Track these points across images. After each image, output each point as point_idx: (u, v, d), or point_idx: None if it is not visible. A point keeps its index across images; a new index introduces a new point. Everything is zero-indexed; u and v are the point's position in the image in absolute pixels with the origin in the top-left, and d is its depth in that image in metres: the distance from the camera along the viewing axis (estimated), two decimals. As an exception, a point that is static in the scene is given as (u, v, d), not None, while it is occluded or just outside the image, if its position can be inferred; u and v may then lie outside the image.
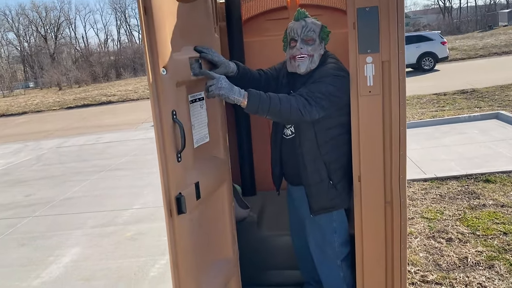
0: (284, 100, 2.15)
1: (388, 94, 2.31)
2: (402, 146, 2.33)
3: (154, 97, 1.77)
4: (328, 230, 2.48)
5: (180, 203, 1.86)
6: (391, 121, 2.32)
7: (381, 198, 2.41)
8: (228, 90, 2.09)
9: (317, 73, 2.31)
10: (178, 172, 1.89)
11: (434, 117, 9.36)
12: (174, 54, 1.87)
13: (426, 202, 4.97)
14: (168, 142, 1.83)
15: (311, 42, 2.32)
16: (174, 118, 1.84)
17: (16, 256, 4.84)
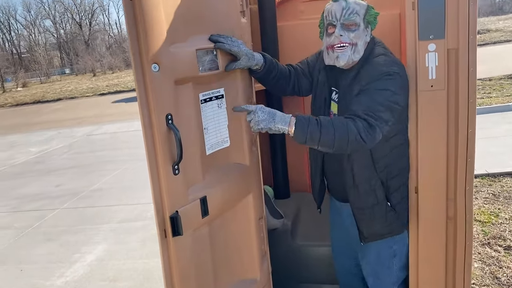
0: (339, 125, 1.68)
1: (454, 89, 1.90)
2: (470, 152, 1.93)
3: (141, 98, 1.45)
4: (387, 254, 2.07)
5: (175, 223, 1.55)
6: (458, 122, 1.91)
7: (443, 213, 2.02)
8: (268, 121, 1.67)
9: (366, 72, 1.83)
10: (175, 187, 1.57)
11: (481, 105, 8.70)
12: (173, 46, 1.54)
13: (478, 203, 4.50)
14: (161, 152, 1.51)
15: (353, 27, 1.82)
16: (169, 124, 1.52)
17: (42, 252, 4.72)
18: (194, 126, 1.66)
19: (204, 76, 1.68)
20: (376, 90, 1.74)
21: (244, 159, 1.96)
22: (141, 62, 1.42)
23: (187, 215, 1.60)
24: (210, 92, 1.77)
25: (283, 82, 2.06)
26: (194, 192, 1.65)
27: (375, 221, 1.96)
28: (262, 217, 2.13)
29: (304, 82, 2.12)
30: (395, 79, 1.77)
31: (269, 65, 1.97)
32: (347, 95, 1.86)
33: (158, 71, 1.45)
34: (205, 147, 1.74)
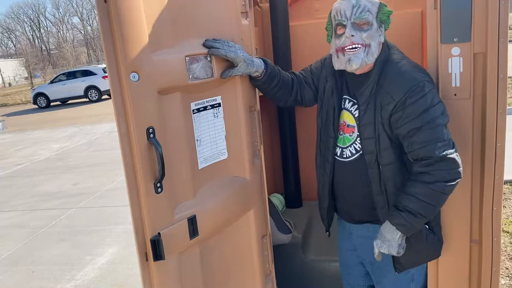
0: (429, 194, 1.55)
1: (481, 98, 1.70)
2: (498, 168, 1.73)
3: (118, 110, 1.30)
4: (405, 278, 1.85)
5: (157, 247, 1.40)
6: (484, 136, 1.71)
7: (466, 235, 1.82)
8: (389, 246, 1.66)
9: (392, 82, 1.60)
10: (157, 206, 1.42)
11: (510, 105, 8.27)
12: (157, 52, 1.38)
13: (506, 212, 4.22)
14: (140, 169, 1.36)
15: (366, 27, 1.61)
16: (150, 138, 1.37)
17: (55, 253, 4.68)
18: (183, 138, 1.51)
19: (195, 85, 1.53)
20: (425, 112, 1.53)
21: (244, 172, 1.79)
22: (118, 71, 1.27)
23: (172, 237, 1.45)
24: (205, 101, 1.61)
25: (285, 91, 1.87)
26: (181, 211, 1.50)
27: (414, 247, 1.73)
28: (266, 234, 1.97)
29: (307, 91, 1.92)
30: (430, 86, 1.57)
31: (271, 73, 1.79)
32: (370, 106, 1.65)
33: (138, 81, 1.30)
34: (197, 161, 1.59)
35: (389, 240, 1.65)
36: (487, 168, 1.72)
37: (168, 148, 1.44)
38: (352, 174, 1.77)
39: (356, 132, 1.72)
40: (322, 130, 1.86)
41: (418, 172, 1.58)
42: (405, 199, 1.59)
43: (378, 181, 1.68)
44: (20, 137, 13.48)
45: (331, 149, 1.81)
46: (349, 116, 1.76)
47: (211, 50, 1.58)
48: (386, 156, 1.65)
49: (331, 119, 1.80)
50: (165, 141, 1.42)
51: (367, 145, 1.67)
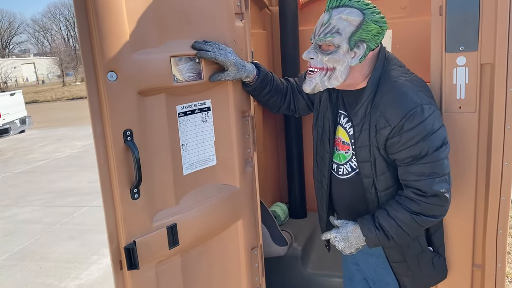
0: (404, 219, 1.47)
1: (487, 112, 1.57)
2: (505, 188, 1.59)
3: (94, 111, 1.24)
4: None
5: (132, 255, 1.34)
6: (490, 153, 1.58)
7: (469, 260, 1.70)
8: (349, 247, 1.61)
9: (388, 105, 1.43)
10: (133, 213, 1.35)
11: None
12: (138, 52, 1.31)
13: (525, 233, 3.99)
14: (116, 174, 1.29)
15: (329, 50, 1.44)
16: (127, 141, 1.30)
17: (62, 251, 4.71)
18: (166, 143, 1.44)
19: (181, 87, 1.46)
20: (425, 139, 1.39)
21: (233, 180, 1.72)
22: (95, 69, 1.22)
23: (149, 245, 1.39)
24: (192, 104, 1.54)
25: (278, 99, 1.78)
26: (161, 219, 1.43)
27: (421, 272, 1.63)
28: (256, 246, 1.89)
29: (300, 100, 1.82)
30: (431, 109, 1.41)
31: (263, 79, 1.70)
32: (365, 127, 1.51)
33: (116, 81, 1.25)
34: (181, 167, 1.52)
35: (351, 243, 1.59)
36: (493, 189, 1.60)
37: (148, 152, 1.38)
38: (349, 191, 1.67)
39: (351, 150, 1.60)
40: (318, 143, 1.76)
41: (407, 197, 1.47)
42: (385, 219, 1.49)
43: (376, 206, 1.58)
44: (45, 133, 13.80)
45: (327, 163, 1.70)
46: (343, 133, 1.64)
47: (200, 52, 1.50)
48: (383, 181, 1.53)
49: (327, 133, 1.68)
50: (145, 145, 1.36)
51: (363, 168, 1.55)
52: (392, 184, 1.54)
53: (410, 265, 1.62)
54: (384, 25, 1.44)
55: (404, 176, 1.47)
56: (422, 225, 1.48)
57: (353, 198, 1.66)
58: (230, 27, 1.62)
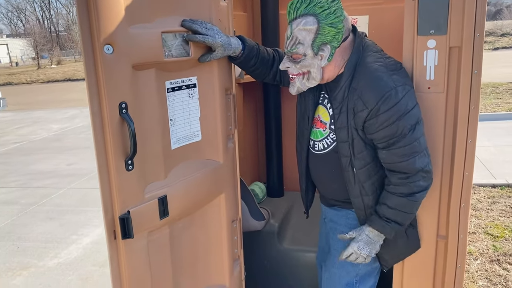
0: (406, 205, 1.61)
1: (454, 93, 1.68)
2: (468, 164, 1.71)
3: (90, 83, 1.28)
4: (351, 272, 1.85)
5: (126, 225, 1.39)
6: (456, 131, 1.69)
7: (433, 231, 1.82)
8: (372, 249, 1.72)
9: (366, 88, 1.53)
10: (128, 184, 1.40)
11: (511, 110, 8.24)
12: (134, 26, 1.36)
13: (493, 214, 4.21)
14: (111, 145, 1.34)
15: (299, 58, 1.58)
16: (122, 113, 1.35)
17: (41, 231, 4.71)
18: (156, 117, 1.50)
19: (171, 62, 1.51)
20: (400, 119, 1.50)
21: (217, 155, 1.79)
22: (92, 42, 1.26)
23: (142, 215, 1.45)
24: (180, 80, 1.60)
25: (264, 69, 1.86)
26: (152, 191, 1.49)
27: (396, 242, 1.76)
28: (236, 219, 1.97)
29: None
30: (405, 89, 1.52)
31: (248, 53, 1.76)
32: (343, 109, 1.61)
33: (112, 54, 1.29)
34: (170, 141, 1.58)
35: (374, 243, 1.70)
36: (457, 164, 1.71)
37: (141, 125, 1.43)
38: (324, 167, 1.79)
39: (328, 129, 1.72)
40: (300, 119, 1.87)
41: (395, 185, 1.60)
42: (388, 212, 1.63)
43: (353, 184, 1.68)
44: (21, 116, 13.54)
45: (306, 139, 1.83)
46: (325, 113, 1.74)
47: (188, 36, 1.56)
48: (361, 159, 1.63)
49: (307, 112, 1.80)
50: (137, 118, 1.41)
51: (342, 148, 1.66)
52: (369, 161, 1.64)
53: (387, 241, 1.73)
54: (340, 24, 1.52)
55: (388, 160, 1.58)
56: (419, 199, 1.61)
57: (329, 173, 1.78)
58: (216, 6, 1.68)
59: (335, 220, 1.87)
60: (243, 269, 2.08)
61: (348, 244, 1.74)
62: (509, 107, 8.53)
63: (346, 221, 1.83)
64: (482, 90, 10.36)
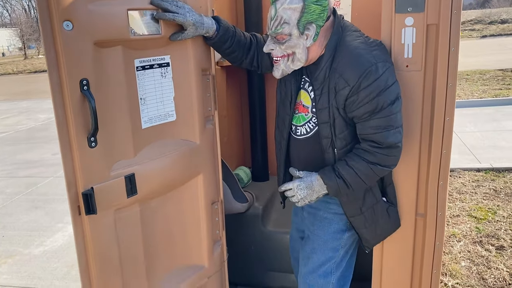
0: (366, 172, 1.60)
1: (432, 70, 1.68)
2: (446, 142, 1.72)
3: (50, 59, 1.27)
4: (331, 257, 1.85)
5: (89, 201, 1.39)
6: (434, 109, 1.70)
7: (412, 209, 1.83)
8: (310, 195, 1.70)
9: (347, 66, 1.53)
10: (91, 161, 1.40)
11: (497, 96, 8.31)
12: (94, 3, 1.33)
13: (477, 198, 4.26)
14: (73, 122, 1.33)
15: (284, 39, 1.56)
16: (83, 90, 1.34)
17: (26, 219, 4.67)
18: (123, 95, 1.48)
19: (138, 40, 1.49)
20: (380, 94, 1.49)
21: (193, 136, 1.77)
22: (50, 18, 1.24)
23: (107, 192, 1.44)
24: (151, 59, 1.58)
25: (240, 53, 1.83)
26: (119, 168, 1.48)
27: (378, 222, 1.78)
28: (217, 201, 1.97)
29: (265, 58, 1.86)
30: (385, 66, 1.52)
31: (223, 34, 1.73)
32: (325, 90, 1.61)
33: (72, 30, 1.27)
34: (140, 120, 1.57)
35: (313, 191, 1.68)
36: (435, 142, 1.72)
37: (105, 103, 1.42)
38: (306, 151, 1.78)
39: (310, 113, 1.71)
40: (280, 105, 1.85)
41: (364, 150, 1.60)
42: (345, 169, 1.62)
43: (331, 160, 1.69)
44: (7, 106, 13.35)
45: (287, 126, 1.80)
46: (306, 97, 1.73)
47: (158, 14, 1.53)
48: (342, 139, 1.64)
49: (288, 97, 1.77)
50: (101, 95, 1.40)
51: (323, 130, 1.66)
52: (349, 141, 1.65)
53: (367, 217, 1.75)
54: (325, 1, 1.51)
55: (363, 131, 1.58)
56: (378, 174, 1.62)
57: (311, 157, 1.76)
58: (189, -18, 1.65)
59: (314, 205, 1.87)
60: (225, 250, 2.09)
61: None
62: (496, 93, 8.60)
63: (326, 205, 1.83)
64: (469, 77, 10.45)
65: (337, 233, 1.82)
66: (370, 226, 1.77)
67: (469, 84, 9.74)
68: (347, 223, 1.80)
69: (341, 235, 1.82)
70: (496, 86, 9.36)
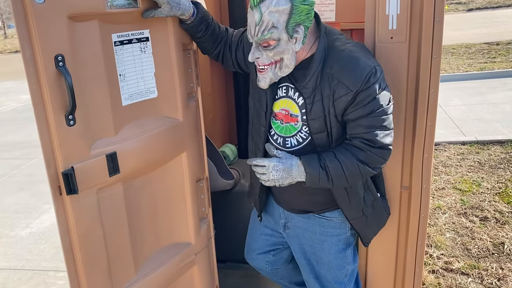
0: (349, 165, 1.49)
1: (417, 42, 1.66)
2: (430, 115, 1.72)
3: (22, 35, 1.22)
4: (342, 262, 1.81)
5: (70, 180, 1.37)
6: (419, 80, 1.69)
7: (397, 182, 1.84)
8: (284, 179, 1.54)
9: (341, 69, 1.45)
10: (70, 140, 1.36)
11: (482, 70, 8.34)
12: None
13: (462, 170, 4.32)
14: (49, 100, 1.29)
15: (272, 45, 1.45)
16: (59, 66, 1.29)
17: (12, 201, 4.62)
18: (101, 71, 1.43)
19: (115, 14, 1.44)
20: (375, 98, 1.43)
21: (176, 113, 1.74)
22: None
23: (88, 171, 1.41)
24: (130, 33, 1.53)
25: (209, 45, 1.75)
26: (100, 147, 1.45)
27: (377, 218, 1.74)
28: (202, 178, 1.95)
29: (227, 57, 1.79)
30: (380, 70, 1.46)
31: (199, 22, 1.65)
32: (317, 98, 1.51)
33: (43, 3, 1.21)
34: (120, 97, 1.53)
35: (290, 176, 1.53)
36: (419, 115, 1.72)
37: (82, 79, 1.37)
38: None
39: (300, 122, 1.58)
40: (254, 115, 1.73)
41: (356, 146, 1.49)
42: (331, 161, 1.50)
43: None
44: (-13, 87, 13.05)
45: (263, 137, 1.68)
46: (293, 105, 1.60)
47: None
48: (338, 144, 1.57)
49: (264, 107, 1.65)
50: (79, 72, 1.35)
51: (318, 139, 1.55)
52: None
53: (368, 216, 1.69)
54: (312, 0, 1.43)
55: (354, 130, 1.49)
56: (363, 174, 1.52)
57: None
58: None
59: (308, 228, 1.77)
60: (212, 227, 2.08)
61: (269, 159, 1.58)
62: (481, 66, 8.63)
63: (321, 229, 1.75)
64: (455, 51, 10.46)
65: (340, 252, 1.77)
66: (371, 224, 1.73)
67: (455, 58, 9.75)
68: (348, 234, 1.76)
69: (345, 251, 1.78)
70: (482, 59, 9.38)
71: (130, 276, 1.68)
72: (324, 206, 1.71)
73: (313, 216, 1.75)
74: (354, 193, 1.64)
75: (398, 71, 1.68)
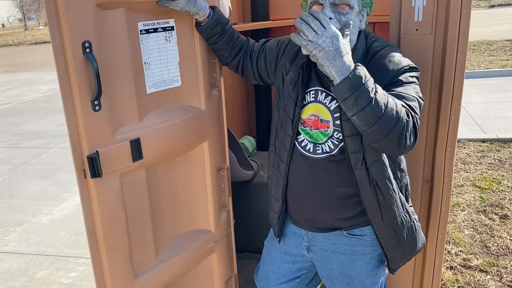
0: (391, 101, 1.23)
1: (442, 34, 1.65)
2: (454, 108, 1.70)
3: (52, 21, 1.24)
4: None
5: (94, 164, 1.40)
6: (443, 74, 1.67)
7: (419, 175, 1.83)
8: (332, 54, 1.21)
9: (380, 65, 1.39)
10: (95, 124, 1.39)
11: (504, 67, 8.19)
12: None
13: (481, 168, 4.26)
14: (76, 85, 1.32)
15: (346, 9, 1.38)
16: (86, 53, 1.32)
17: (34, 189, 4.72)
18: (127, 59, 1.45)
19: (142, 3, 1.46)
20: (411, 84, 1.36)
21: (199, 102, 1.75)
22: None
23: (112, 156, 1.44)
24: (155, 22, 1.55)
25: (226, 53, 1.72)
26: (124, 133, 1.47)
27: (409, 243, 1.57)
28: (223, 168, 1.97)
29: (248, 68, 1.74)
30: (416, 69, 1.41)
31: (214, 23, 1.62)
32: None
33: (74, -10, 1.25)
34: (145, 85, 1.55)
35: (336, 58, 1.21)
36: (443, 108, 1.70)
37: (109, 66, 1.40)
38: (328, 173, 1.51)
39: (331, 127, 1.48)
40: (279, 125, 1.62)
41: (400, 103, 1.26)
42: (380, 89, 1.24)
43: (367, 183, 1.45)
44: (8, 78, 13.31)
45: (288, 147, 1.56)
46: (324, 110, 1.49)
47: None
48: (373, 151, 1.42)
49: (290, 115, 1.54)
50: (105, 59, 1.38)
51: (351, 143, 1.43)
52: (380, 155, 1.45)
53: (400, 238, 1.54)
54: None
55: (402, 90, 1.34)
56: (402, 120, 1.23)
57: (337, 180, 1.51)
58: None
59: (336, 250, 1.60)
60: (232, 216, 2.10)
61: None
62: (503, 64, 8.47)
63: (351, 248, 1.59)
64: (476, 47, 10.28)
65: (373, 270, 1.63)
66: (401, 248, 1.56)
67: (476, 54, 9.60)
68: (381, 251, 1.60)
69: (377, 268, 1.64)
70: (504, 56, 9.21)
71: (150, 261, 1.72)
72: (353, 222, 1.55)
73: (341, 235, 1.58)
74: (388, 209, 1.49)
75: (423, 64, 1.67)
